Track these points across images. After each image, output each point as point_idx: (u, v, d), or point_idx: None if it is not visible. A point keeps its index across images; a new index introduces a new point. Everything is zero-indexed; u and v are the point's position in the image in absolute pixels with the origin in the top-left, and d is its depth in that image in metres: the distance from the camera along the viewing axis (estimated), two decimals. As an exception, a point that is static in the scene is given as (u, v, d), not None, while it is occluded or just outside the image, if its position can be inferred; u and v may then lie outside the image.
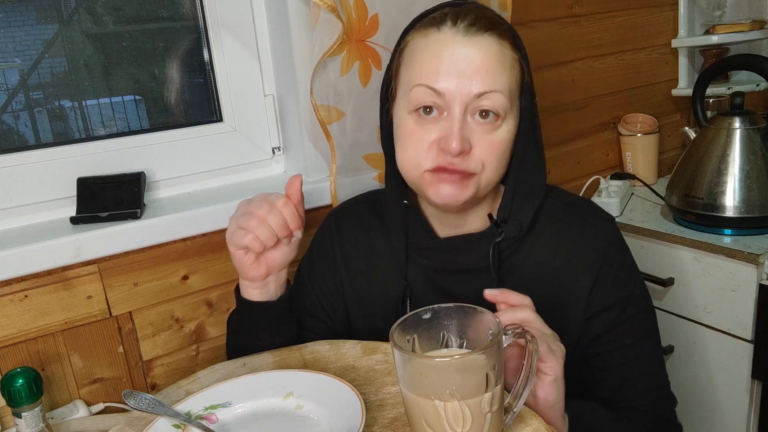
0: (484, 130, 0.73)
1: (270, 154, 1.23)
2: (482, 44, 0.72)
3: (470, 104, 0.72)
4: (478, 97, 0.72)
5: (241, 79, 1.18)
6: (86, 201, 1.00)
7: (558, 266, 0.81)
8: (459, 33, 0.72)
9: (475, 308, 0.59)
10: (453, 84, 0.72)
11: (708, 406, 1.35)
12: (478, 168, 0.74)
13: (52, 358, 0.97)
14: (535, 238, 0.82)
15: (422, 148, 0.75)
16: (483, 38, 0.72)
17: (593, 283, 0.80)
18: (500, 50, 0.73)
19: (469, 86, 0.71)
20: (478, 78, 0.71)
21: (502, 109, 0.73)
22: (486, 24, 0.73)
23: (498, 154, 0.75)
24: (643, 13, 1.67)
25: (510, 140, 0.76)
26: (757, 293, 1.20)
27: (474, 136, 0.73)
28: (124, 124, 1.14)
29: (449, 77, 0.72)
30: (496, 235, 0.79)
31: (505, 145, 0.75)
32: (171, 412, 0.68)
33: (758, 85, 1.60)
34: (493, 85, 0.72)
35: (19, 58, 1.04)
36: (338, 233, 0.93)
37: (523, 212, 0.80)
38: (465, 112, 0.73)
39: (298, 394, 0.70)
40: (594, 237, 0.81)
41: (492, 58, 0.72)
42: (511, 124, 0.76)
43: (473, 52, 0.72)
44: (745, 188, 1.26)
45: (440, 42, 0.73)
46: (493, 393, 0.55)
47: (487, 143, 0.74)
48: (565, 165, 1.60)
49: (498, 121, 0.74)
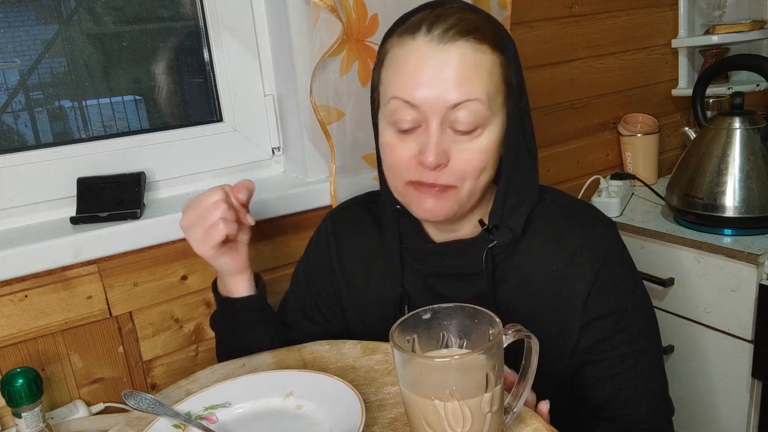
0: (463, 141, 0.72)
1: (270, 154, 1.23)
2: (455, 52, 0.70)
3: (446, 116, 0.71)
4: (453, 108, 0.70)
5: (241, 79, 1.18)
6: (86, 201, 1.00)
7: (555, 271, 0.79)
8: (433, 41, 0.70)
9: (475, 308, 0.59)
10: (427, 96, 0.70)
11: (708, 406, 1.35)
12: (458, 181, 0.73)
13: (52, 358, 0.97)
14: (531, 241, 0.81)
15: (402, 162, 0.74)
16: (457, 46, 0.70)
17: (590, 289, 0.78)
18: (476, 56, 0.71)
19: (443, 98, 0.70)
20: (452, 88, 0.69)
21: (481, 118, 0.71)
22: (461, 29, 0.71)
23: (478, 164, 0.73)
24: (643, 13, 1.67)
25: (493, 147, 0.74)
26: (757, 293, 1.20)
27: (452, 148, 0.72)
28: (124, 124, 1.14)
29: (423, 89, 0.70)
30: (488, 241, 0.79)
31: (486, 154, 0.73)
32: (171, 412, 0.68)
33: (758, 85, 1.60)
34: (469, 94, 0.70)
35: (19, 58, 1.04)
36: (334, 235, 0.93)
37: (515, 218, 0.79)
38: (442, 123, 0.71)
39: (298, 394, 0.70)
40: (593, 242, 0.80)
41: (467, 66, 0.70)
42: (494, 130, 0.73)
43: (447, 62, 0.70)
44: (745, 188, 1.26)
45: (414, 52, 0.71)
46: (493, 393, 0.55)
47: (466, 155, 0.72)
48: (564, 165, 1.60)
49: (477, 131, 0.72)
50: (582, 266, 0.79)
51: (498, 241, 0.78)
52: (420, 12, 0.74)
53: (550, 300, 0.79)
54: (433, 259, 0.84)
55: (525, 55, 1.43)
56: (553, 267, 0.80)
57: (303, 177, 1.19)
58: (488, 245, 0.78)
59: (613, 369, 0.79)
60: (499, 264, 0.81)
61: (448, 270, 0.83)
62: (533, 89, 1.49)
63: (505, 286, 0.81)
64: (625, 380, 0.79)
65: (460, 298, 0.81)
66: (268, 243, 1.14)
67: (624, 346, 0.79)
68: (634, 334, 0.79)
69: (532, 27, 1.45)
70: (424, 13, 0.73)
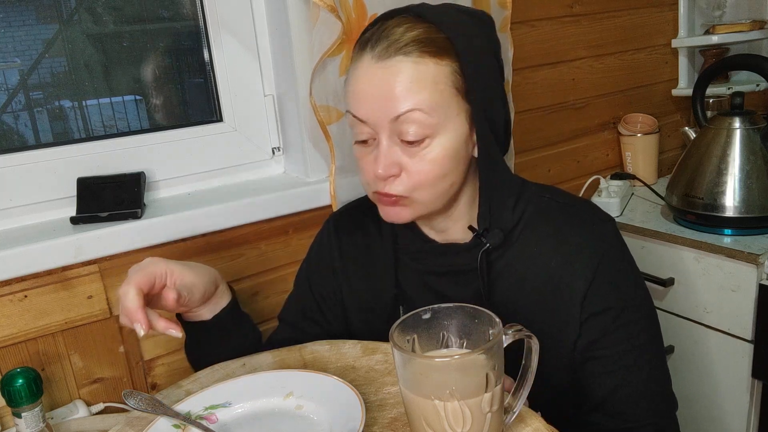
0: (412, 153, 0.73)
1: (270, 154, 1.23)
2: (393, 69, 0.71)
3: (393, 128, 0.72)
4: (395, 120, 0.72)
5: (241, 79, 1.18)
6: (86, 201, 1.00)
7: (554, 268, 0.79)
8: (374, 59, 0.72)
9: (476, 308, 0.59)
10: (371, 113, 0.73)
11: (708, 406, 1.35)
12: (409, 191, 0.75)
13: (52, 358, 0.97)
14: (529, 238, 0.81)
15: (366, 174, 0.77)
16: (395, 62, 0.71)
17: (589, 285, 0.78)
18: (416, 69, 0.71)
19: (384, 113, 0.72)
20: (391, 104, 0.71)
21: (425, 127, 0.72)
22: (401, 46, 0.72)
23: (430, 174, 0.74)
24: (643, 13, 1.67)
25: (447, 155, 0.74)
26: (757, 293, 1.20)
27: (403, 160, 0.74)
28: (124, 124, 1.14)
29: (367, 105, 0.73)
30: (481, 245, 0.79)
31: (438, 163, 0.74)
32: (171, 412, 0.68)
33: (758, 85, 1.60)
34: (409, 105, 0.71)
35: (19, 58, 1.04)
36: (336, 237, 0.93)
37: (504, 217, 0.80)
38: (390, 136, 0.73)
39: (298, 394, 0.70)
40: (592, 238, 0.80)
41: (405, 80, 0.71)
42: (447, 138, 0.74)
43: (386, 79, 0.71)
44: (745, 188, 1.26)
45: (360, 71, 0.74)
46: (493, 393, 0.55)
47: (418, 166, 0.73)
48: (565, 165, 1.60)
49: (426, 141, 0.73)
50: (581, 263, 0.79)
51: (490, 244, 0.79)
52: (374, 26, 0.76)
53: (548, 297, 0.79)
54: (430, 258, 0.84)
55: (525, 55, 1.44)
56: (552, 264, 0.80)
57: (303, 177, 1.19)
58: (482, 249, 0.79)
59: (612, 366, 0.79)
60: (495, 262, 0.81)
61: (445, 268, 0.83)
62: (533, 89, 1.50)
63: (504, 284, 0.81)
64: (624, 378, 0.79)
65: (460, 295, 0.82)
66: (268, 243, 1.14)
67: (623, 343, 0.79)
68: (633, 331, 0.79)
69: (532, 27, 1.45)
70: (375, 28, 0.75)
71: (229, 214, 1.06)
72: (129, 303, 0.70)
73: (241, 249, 1.11)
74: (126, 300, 0.71)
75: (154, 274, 0.74)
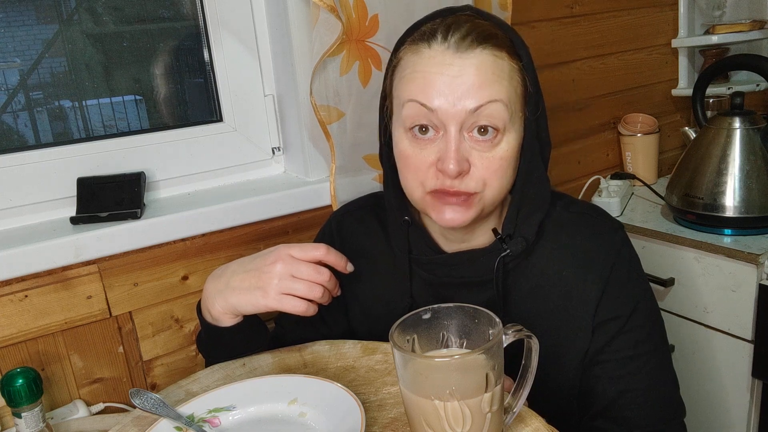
0: (483, 148, 0.71)
1: (270, 154, 1.23)
2: (475, 60, 0.69)
3: (466, 121, 0.70)
4: (473, 112, 0.69)
5: (241, 79, 1.18)
6: (86, 201, 1.00)
7: (566, 277, 0.79)
8: (450, 49, 0.70)
9: (475, 308, 0.59)
10: (446, 102, 0.69)
11: (709, 406, 1.35)
12: (479, 187, 0.72)
13: (52, 358, 0.97)
14: (542, 248, 0.80)
15: (422, 171, 0.72)
16: (476, 53, 0.69)
17: (601, 294, 0.78)
18: (495, 62, 0.70)
19: (462, 104, 0.69)
20: (472, 94, 0.69)
21: (501, 122, 0.70)
22: (479, 36, 0.70)
23: (499, 171, 0.72)
24: (643, 13, 1.67)
25: (512, 155, 0.73)
26: (757, 293, 1.20)
27: (473, 154, 0.71)
28: (124, 124, 1.14)
29: (441, 96, 0.69)
30: (501, 251, 0.78)
31: (506, 161, 0.72)
32: (174, 413, 0.68)
33: (758, 85, 1.60)
34: (490, 96, 0.69)
35: (19, 58, 1.04)
36: (339, 237, 0.92)
37: (528, 226, 0.78)
38: (461, 130, 0.70)
39: (302, 401, 0.69)
40: (603, 247, 0.79)
41: (486, 72, 0.69)
42: (513, 138, 0.72)
43: (466, 69, 0.69)
44: (745, 188, 1.26)
45: (431, 60, 0.70)
46: (493, 393, 0.55)
47: (487, 161, 0.71)
48: (565, 165, 1.60)
49: (498, 137, 0.71)
50: (593, 272, 0.78)
51: (511, 250, 0.77)
52: (430, 21, 0.74)
53: (561, 306, 0.79)
54: (443, 270, 0.82)
55: (525, 55, 1.44)
56: (564, 273, 0.79)
57: (303, 177, 1.19)
58: (501, 254, 0.77)
59: (619, 370, 0.79)
60: (510, 272, 0.80)
61: (458, 279, 0.82)
62: (533, 89, 1.50)
63: (517, 294, 0.80)
64: (631, 382, 0.78)
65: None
66: (268, 243, 1.14)
67: (630, 348, 0.79)
68: (641, 336, 0.79)
69: (532, 27, 1.45)
70: (435, 22, 0.73)
71: (229, 214, 1.06)
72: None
73: (241, 249, 1.11)
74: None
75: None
